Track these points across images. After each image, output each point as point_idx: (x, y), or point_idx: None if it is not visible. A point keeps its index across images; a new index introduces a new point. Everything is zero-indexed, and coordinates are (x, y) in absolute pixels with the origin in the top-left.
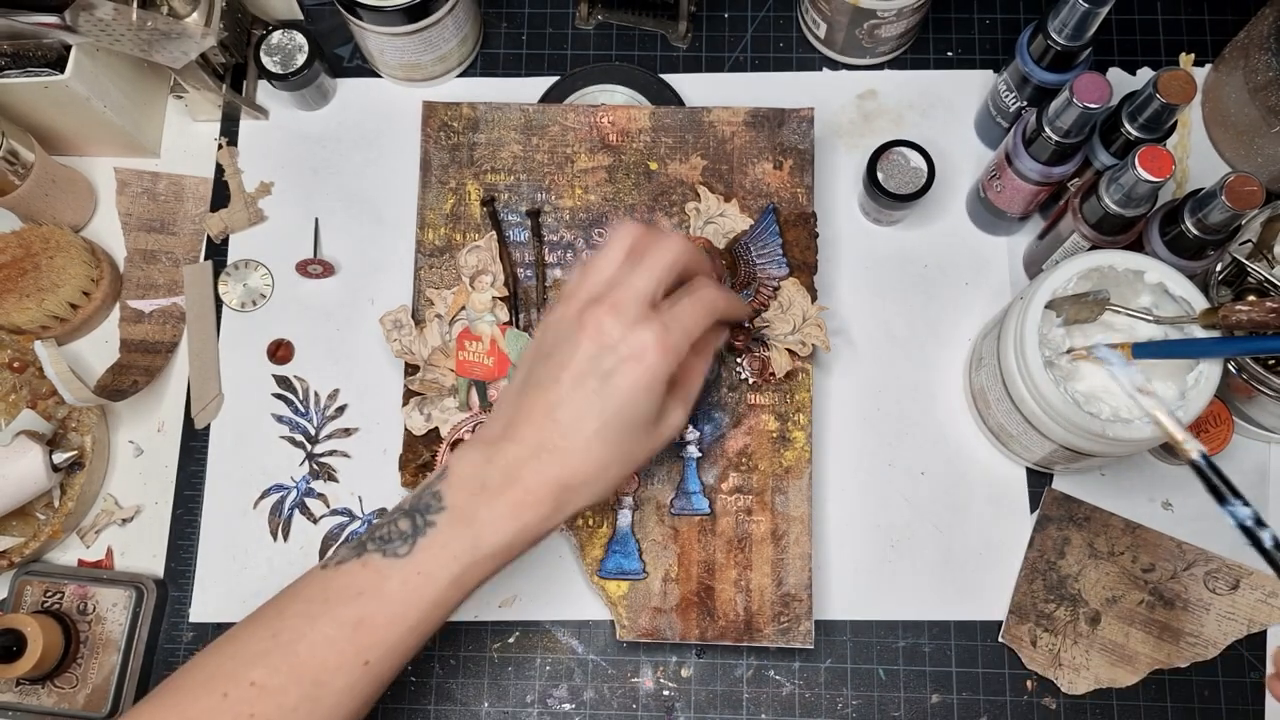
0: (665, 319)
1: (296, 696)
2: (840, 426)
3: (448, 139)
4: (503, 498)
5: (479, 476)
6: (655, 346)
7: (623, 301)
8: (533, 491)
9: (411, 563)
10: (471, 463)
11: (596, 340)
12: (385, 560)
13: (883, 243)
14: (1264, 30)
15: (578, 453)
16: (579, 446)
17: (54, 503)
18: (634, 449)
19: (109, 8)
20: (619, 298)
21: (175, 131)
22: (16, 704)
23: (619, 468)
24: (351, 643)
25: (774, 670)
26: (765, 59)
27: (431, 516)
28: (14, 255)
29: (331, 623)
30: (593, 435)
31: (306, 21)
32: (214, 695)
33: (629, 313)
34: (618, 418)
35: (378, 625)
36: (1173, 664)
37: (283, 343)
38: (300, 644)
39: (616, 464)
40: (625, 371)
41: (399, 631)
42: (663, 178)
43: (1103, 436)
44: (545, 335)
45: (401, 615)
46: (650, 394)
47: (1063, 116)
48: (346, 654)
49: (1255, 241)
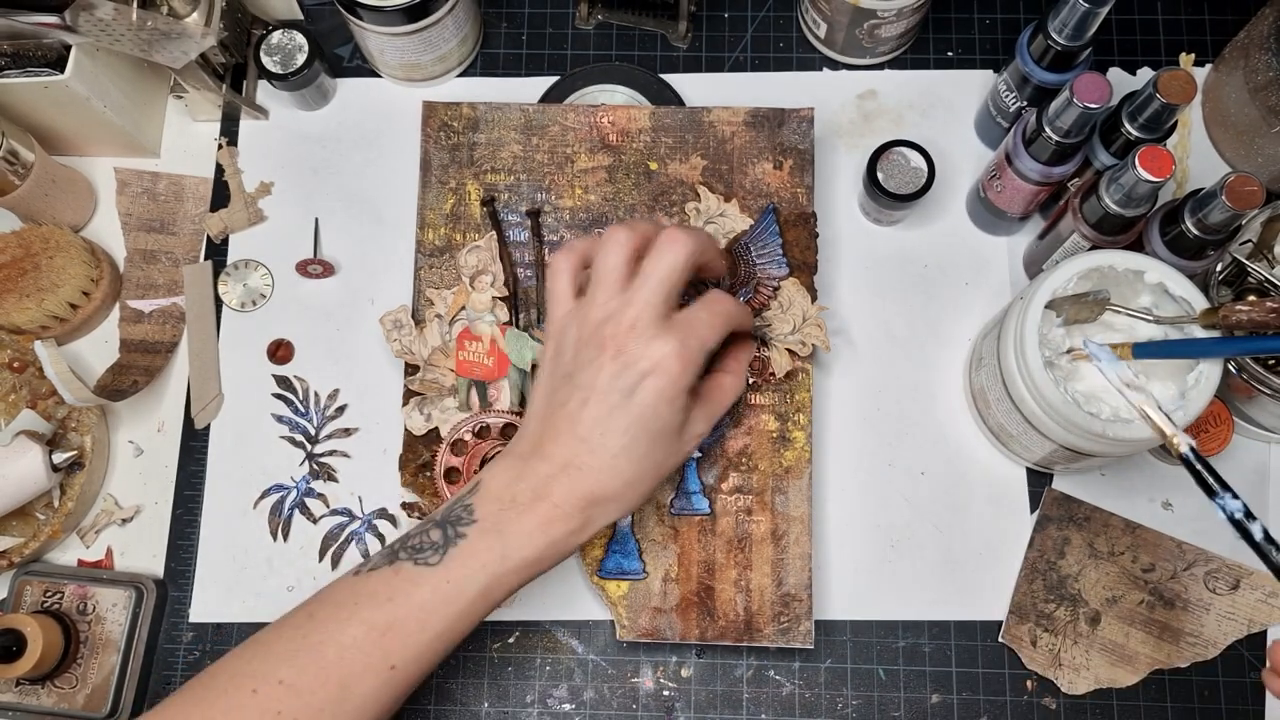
0: (682, 332)
1: (323, 698)
2: (840, 426)
3: (448, 139)
4: (532, 512)
5: (509, 491)
6: (675, 358)
7: (641, 319)
8: (560, 507)
9: (441, 572)
10: (502, 478)
11: (617, 359)
12: (416, 569)
13: (883, 243)
14: (1264, 30)
15: (605, 469)
16: (606, 463)
17: (54, 503)
18: (661, 460)
19: (109, 8)
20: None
21: (175, 131)
22: (16, 704)
23: (648, 481)
24: (379, 647)
25: (774, 670)
26: (765, 59)
27: (463, 528)
28: (14, 255)
29: (360, 626)
30: (619, 451)
31: (306, 21)
32: (243, 691)
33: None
34: (643, 432)
35: (406, 631)
36: (1173, 664)
37: (283, 343)
38: (329, 646)
39: (644, 477)
40: (647, 387)
41: (426, 638)
42: (663, 178)
43: (1103, 436)
44: (562, 353)
45: (429, 622)
46: (673, 405)
47: (1063, 116)
48: (374, 658)
49: (1255, 241)
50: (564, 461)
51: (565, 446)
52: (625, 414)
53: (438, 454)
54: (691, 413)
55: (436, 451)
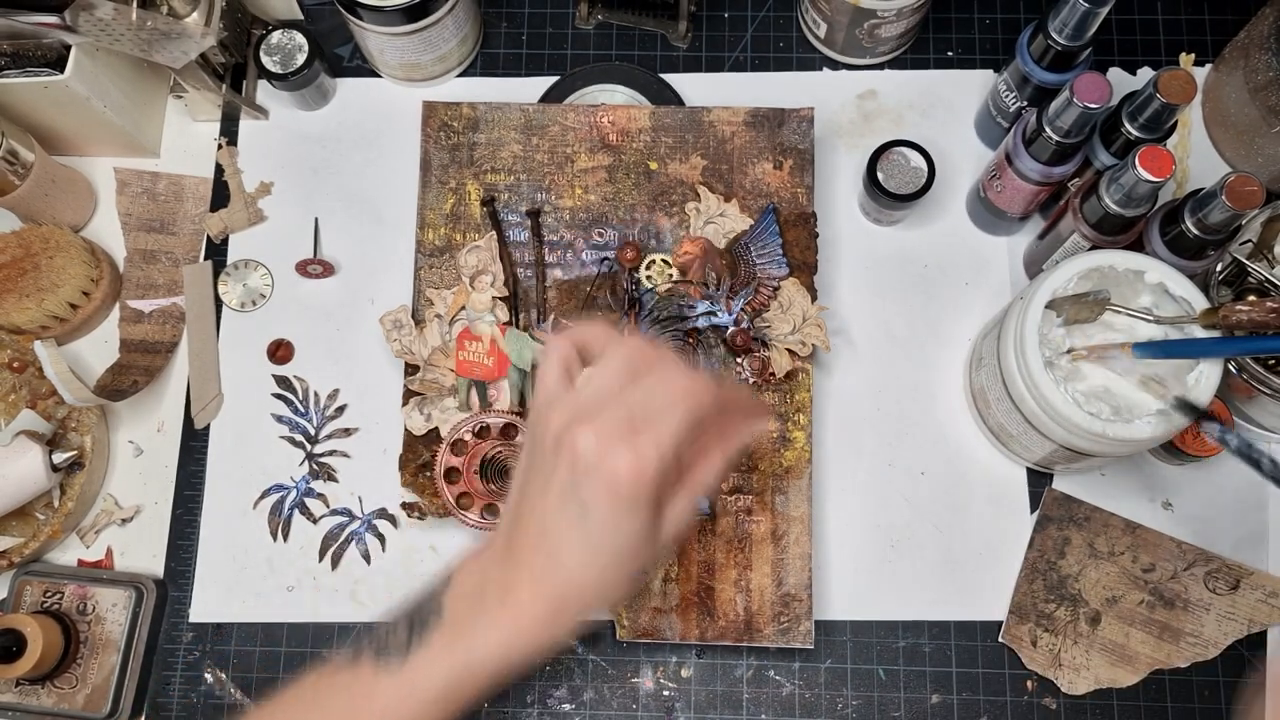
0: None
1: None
2: (840, 426)
3: (448, 139)
4: (500, 614)
5: (480, 588)
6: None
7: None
8: (528, 610)
9: (403, 675)
10: (474, 573)
11: (572, 466)
12: (376, 672)
13: (883, 243)
14: (1264, 30)
15: (571, 575)
16: (571, 569)
17: (54, 503)
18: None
19: (109, 8)
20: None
21: (175, 131)
22: (16, 704)
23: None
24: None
25: (774, 670)
26: (765, 59)
27: (430, 629)
28: (14, 255)
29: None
30: (584, 560)
31: (306, 21)
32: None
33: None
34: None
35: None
36: (1173, 664)
37: (283, 343)
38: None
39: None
40: (600, 503)
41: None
42: (663, 177)
43: (1103, 437)
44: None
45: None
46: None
47: (1063, 116)
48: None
49: (1255, 241)
50: (531, 563)
51: (532, 549)
52: (584, 528)
53: (438, 454)
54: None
55: (436, 451)
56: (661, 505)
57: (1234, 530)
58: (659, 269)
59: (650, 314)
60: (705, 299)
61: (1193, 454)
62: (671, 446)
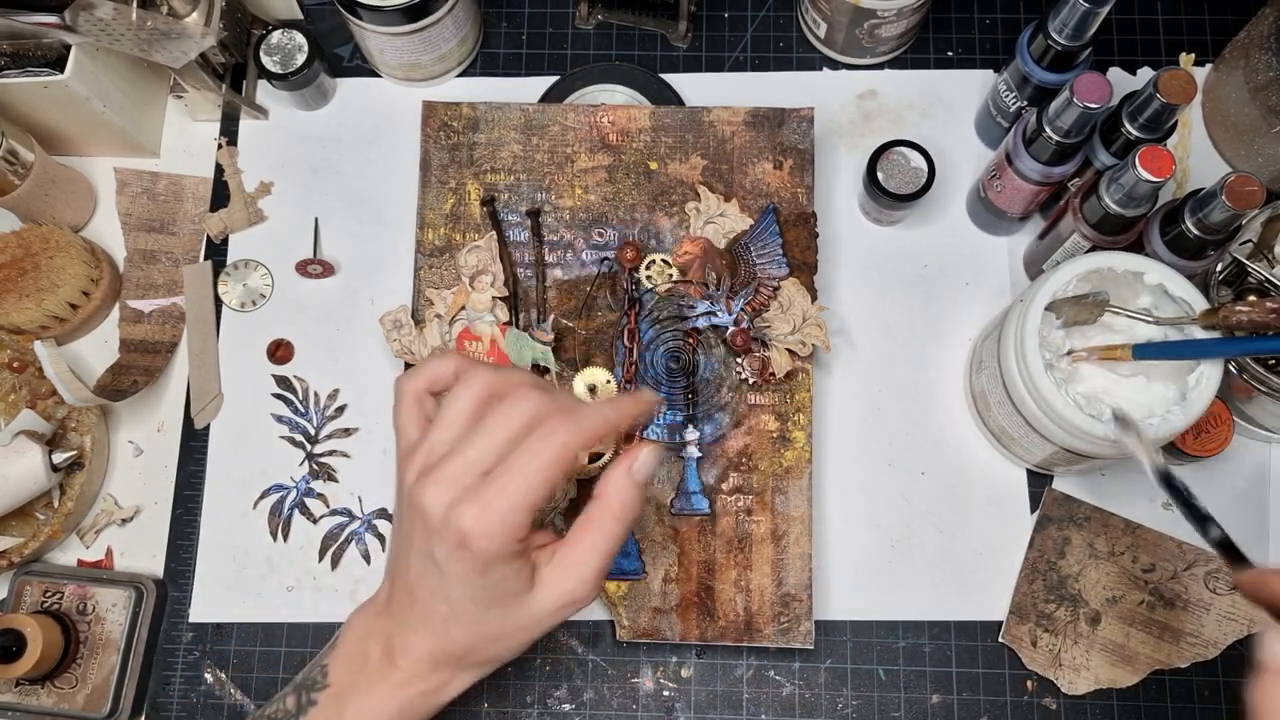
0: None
1: None
2: (840, 426)
3: (448, 139)
4: (382, 676)
5: (362, 649)
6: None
7: (446, 477)
8: (408, 670)
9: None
10: (359, 632)
11: (424, 524)
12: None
13: (883, 243)
14: (1264, 30)
15: (441, 634)
16: (439, 628)
17: (54, 503)
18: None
19: (109, 8)
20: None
21: (175, 131)
22: (16, 704)
23: (493, 646)
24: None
25: (774, 670)
26: (765, 59)
27: (315, 694)
28: (14, 255)
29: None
30: (448, 617)
31: (306, 21)
32: None
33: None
34: (465, 602)
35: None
36: (1173, 664)
37: (282, 343)
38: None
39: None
40: (452, 562)
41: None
42: (663, 177)
43: (1104, 439)
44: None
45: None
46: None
47: (1063, 116)
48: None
49: (1255, 241)
50: (404, 621)
51: (405, 605)
52: (442, 584)
53: None
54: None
55: None
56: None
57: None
58: (659, 269)
59: (650, 314)
60: (705, 299)
61: (1193, 454)
62: (526, 491)
